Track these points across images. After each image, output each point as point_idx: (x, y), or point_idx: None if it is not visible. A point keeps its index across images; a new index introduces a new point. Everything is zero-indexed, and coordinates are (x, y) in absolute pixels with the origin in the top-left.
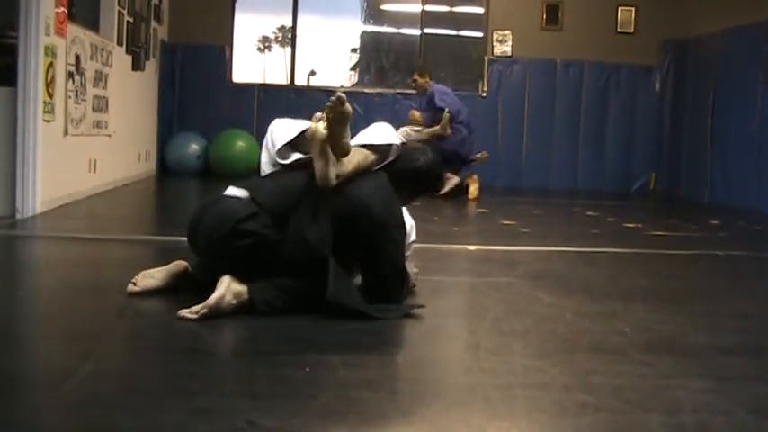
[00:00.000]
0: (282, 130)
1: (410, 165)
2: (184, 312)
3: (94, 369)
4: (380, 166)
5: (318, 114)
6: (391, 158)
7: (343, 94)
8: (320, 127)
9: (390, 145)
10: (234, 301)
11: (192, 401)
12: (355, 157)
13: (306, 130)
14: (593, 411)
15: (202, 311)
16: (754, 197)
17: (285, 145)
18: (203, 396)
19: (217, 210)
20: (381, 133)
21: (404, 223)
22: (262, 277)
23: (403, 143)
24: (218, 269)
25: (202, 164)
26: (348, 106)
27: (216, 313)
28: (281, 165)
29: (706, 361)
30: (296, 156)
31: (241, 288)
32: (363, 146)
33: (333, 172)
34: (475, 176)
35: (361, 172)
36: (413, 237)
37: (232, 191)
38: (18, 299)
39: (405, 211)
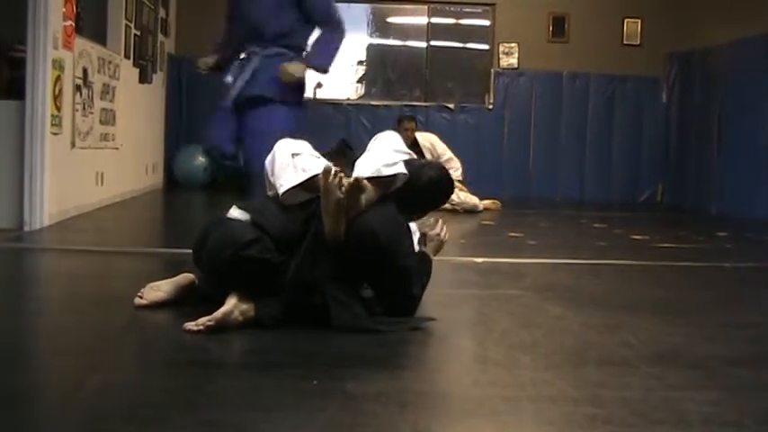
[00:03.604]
0: (288, 167)
1: (417, 182)
2: (190, 325)
3: (102, 382)
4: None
5: (328, 166)
6: (397, 186)
7: (362, 179)
8: (336, 190)
9: (396, 175)
10: (240, 318)
11: (200, 414)
12: (362, 201)
13: (316, 175)
14: (602, 424)
15: (208, 324)
16: (761, 208)
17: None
18: (211, 409)
19: (219, 234)
20: (387, 158)
21: (413, 252)
22: (267, 295)
23: (408, 162)
24: (225, 288)
25: (209, 177)
26: (364, 183)
27: (221, 327)
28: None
29: (715, 372)
30: (303, 197)
31: (248, 306)
32: (368, 179)
33: (342, 228)
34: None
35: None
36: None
37: (235, 212)
38: (25, 311)
39: (415, 228)
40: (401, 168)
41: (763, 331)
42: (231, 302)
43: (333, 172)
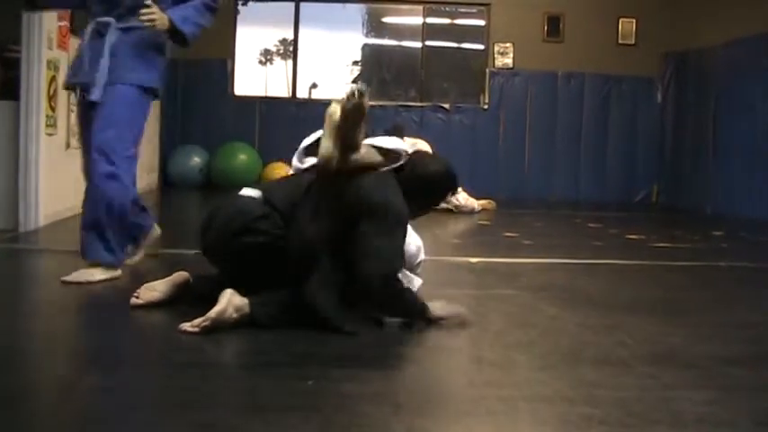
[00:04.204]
0: (308, 138)
1: (421, 171)
2: (186, 326)
3: (97, 383)
4: (388, 168)
5: (354, 86)
6: (401, 162)
7: (363, 87)
8: (335, 114)
9: (399, 151)
10: (235, 315)
11: (195, 415)
12: (362, 151)
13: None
14: (598, 424)
15: (204, 324)
16: (756, 208)
17: (305, 149)
18: (206, 410)
19: (231, 207)
20: (390, 141)
21: (405, 222)
22: (264, 286)
23: (415, 152)
24: (225, 270)
25: (204, 177)
26: (366, 101)
27: (217, 326)
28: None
29: (710, 372)
30: (312, 160)
31: (242, 302)
32: (372, 146)
33: (336, 153)
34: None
35: (366, 167)
36: (421, 256)
37: (246, 191)
38: (20, 312)
39: (412, 231)
40: (404, 148)
41: (760, 331)
42: (225, 299)
43: (353, 86)
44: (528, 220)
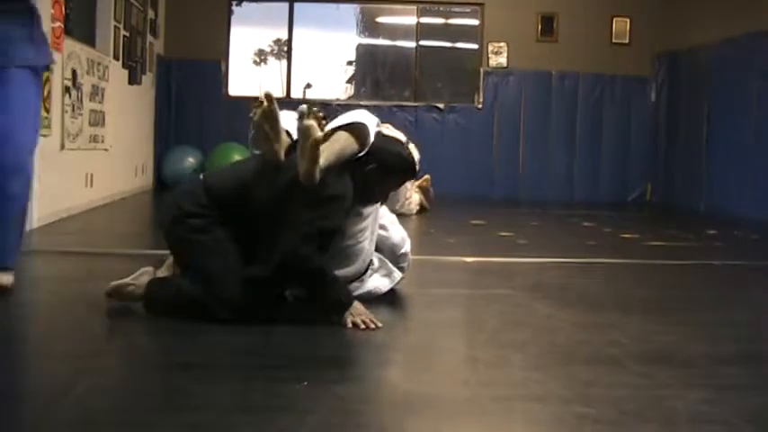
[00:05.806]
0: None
1: (379, 156)
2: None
3: (90, 385)
4: (361, 152)
5: (303, 108)
6: (371, 140)
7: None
8: (313, 127)
9: (368, 128)
10: (138, 291)
11: (189, 417)
12: (338, 145)
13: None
14: (592, 423)
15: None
16: (749, 206)
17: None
18: (200, 411)
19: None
20: (357, 116)
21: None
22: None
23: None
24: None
25: None
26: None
27: (122, 295)
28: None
29: (704, 371)
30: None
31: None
32: (340, 127)
33: (318, 171)
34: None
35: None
36: (406, 248)
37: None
38: (14, 315)
39: (396, 222)
40: (372, 123)
41: (753, 330)
42: (136, 275)
43: (303, 108)
44: (522, 219)
